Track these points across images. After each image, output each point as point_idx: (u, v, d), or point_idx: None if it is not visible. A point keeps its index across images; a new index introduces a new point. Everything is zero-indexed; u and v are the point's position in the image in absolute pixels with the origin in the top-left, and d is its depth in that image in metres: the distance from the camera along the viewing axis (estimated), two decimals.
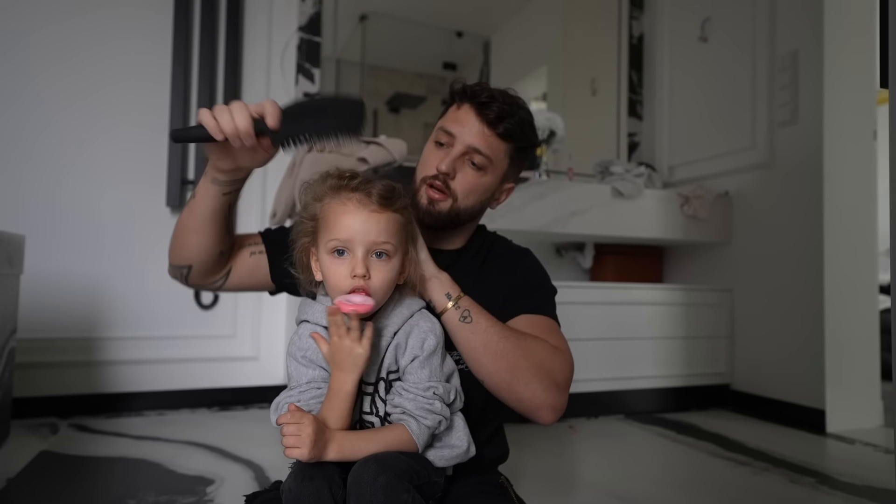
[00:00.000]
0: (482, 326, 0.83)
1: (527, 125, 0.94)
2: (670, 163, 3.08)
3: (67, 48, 2.28)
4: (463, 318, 0.83)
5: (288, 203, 2.14)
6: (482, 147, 0.90)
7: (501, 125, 0.90)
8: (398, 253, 0.77)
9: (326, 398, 0.73)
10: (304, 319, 0.80)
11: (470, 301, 0.85)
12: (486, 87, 0.92)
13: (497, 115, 0.90)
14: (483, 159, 0.91)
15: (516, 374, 0.83)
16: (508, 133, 0.91)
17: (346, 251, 0.74)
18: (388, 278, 0.75)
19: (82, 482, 1.52)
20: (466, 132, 0.90)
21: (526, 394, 0.83)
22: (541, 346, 0.86)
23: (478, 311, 0.85)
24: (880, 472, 1.78)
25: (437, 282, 0.84)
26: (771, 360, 2.48)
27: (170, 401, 2.34)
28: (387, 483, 0.65)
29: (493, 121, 0.90)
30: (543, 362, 0.85)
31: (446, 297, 0.84)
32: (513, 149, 0.94)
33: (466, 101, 0.92)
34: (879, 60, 0.82)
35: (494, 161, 0.92)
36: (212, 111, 0.75)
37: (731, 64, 2.72)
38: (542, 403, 0.84)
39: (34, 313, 2.14)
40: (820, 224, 2.26)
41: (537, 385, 0.83)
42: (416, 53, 3.11)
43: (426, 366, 0.76)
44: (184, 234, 0.90)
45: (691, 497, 1.55)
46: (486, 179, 0.93)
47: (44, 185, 2.23)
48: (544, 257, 3.05)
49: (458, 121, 0.92)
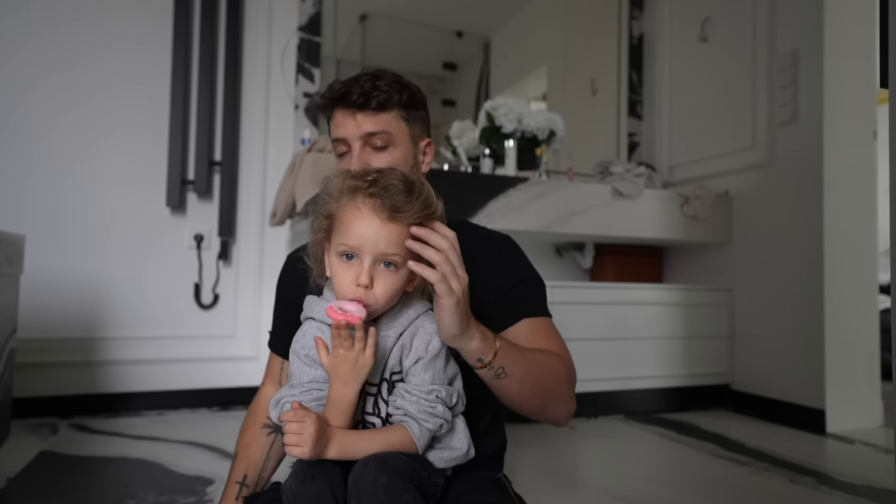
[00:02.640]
0: (517, 378, 0.82)
1: (397, 82, 0.94)
2: (670, 163, 3.08)
3: (67, 48, 2.28)
4: (497, 375, 0.81)
5: (288, 203, 2.14)
6: (372, 128, 0.91)
7: (372, 100, 0.91)
8: (406, 267, 0.75)
9: (326, 407, 0.72)
10: (310, 317, 0.80)
11: (503, 356, 0.80)
12: (338, 82, 0.94)
13: (362, 96, 0.91)
14: (382, 137, 0.92)
15: (546, 406, 0.90)
16: (383, 103, 0.91)
17: (354, 256, 0.73)
18: (393, 289, 0.74)
19: (82, 482, 1.52)
20: (350, 128, 0.92)
21: (552, 415, 0.92)
22: (559, 368, 0.90)
23: (512, 360, 0.81)
24: (880, 472, 1.78)
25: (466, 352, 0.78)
26: (771, 360, 2.48)
27: (170, 401, 2.34)
28: (388, 483, 0.65)
29: (362, 103, 0.91)
30: (567, 383, 0.91)
31: (478, 362, 0.79)
32: (400, 109, 0.94)
33: (334, 107, 0.94)
34: (879, 60, 0.82)
35: (392, 132, 0.93)
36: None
37: (731, 64, 2.72)
38: (564, 417, 0.94)
39: (34, 313, 2.14)
40: (820, 224, 2.26)
41: (562, 407, 0.92)
42: (416, 53, 3.11)
43: (430, 368, 0.76)
44: None
45: (691, 497, 1.55)
46: (397, 152, 0.94)
47: (44, 185, 2.23)
48: (544, 257, 3.06)
49: (339, 125, 0.94)
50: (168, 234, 2.39)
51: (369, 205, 0.72)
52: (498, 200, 2.31)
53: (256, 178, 2.52)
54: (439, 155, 2.91)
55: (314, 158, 2.13)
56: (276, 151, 2.55)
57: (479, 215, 2.26)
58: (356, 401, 0.72)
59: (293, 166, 2.20)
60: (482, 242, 0.98)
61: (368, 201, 0.73)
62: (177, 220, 2.41)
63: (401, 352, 0.77)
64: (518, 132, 2.61)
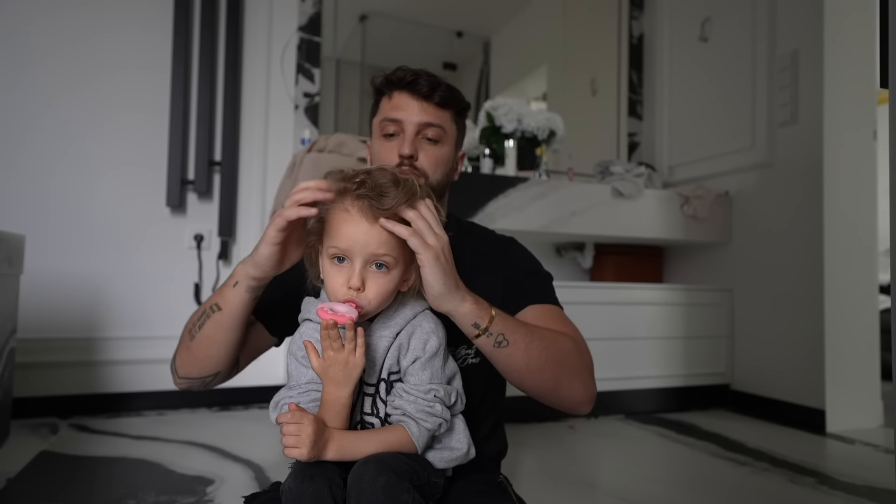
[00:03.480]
0: (521, 347, 0.79)
1: (455, 90, 0.97)
2: (670, 163, 3.08)
3: (68, 47, 2.28)
4: (498, 343, 0.78)
5: None
6: (431, 119, 0.93)
7: (436, 95, 0.93)
8: (399, 264, 0.74)
9: (321, 408, 0.72)
10: (307, 318, 0.80)
11: (501, 321, 0.78)
12: (405, 69, 0.95)
13: (429, 88, 0.93)
14: (437, 131, 0.94)
15: (560, 381, 0.84)
16: (445, 100, 0.95)
17: (345, 259, 0.73)
18: (385, 290, 0.74)
19: (82, 482, 1.52)
20: (411, 113, 0.93)
21: (569, 395, 0.86)
22: (569, 345, 0.87)
23: (512, 328, 0.79)
24: (880, 472, 1.78)
25: (459, 316, 0.77)
26: (771, 360, 2.48)
27: (170, 401, 2.34)
28: (387, 483, 0.65)
29: (427, 94, 0.93)
30: (581, 360, 0.87)
31: (474, 328, 0.77)
32: (454, 114, 0.97)
33: (395, 89, 0.95)
34: (879, 60, 0.82)
35: (446, 129, 0.95)
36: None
37: (731, 64, 2.72)
38: (585, 398, 0.87)
39: (34, 313, 2.14)
40: (820, 224, 2.26)
41: (580, 384, 0.86)
42: (416, 53, 3.11)
43: (427, 367, 0.76)
44: (211, 347, 0.85)
45: (691, 497, 1.55)
46: (445, 150, 0.96)
47: (44, 185, 2.24)
48: (544, 257, 3.06)
49: (398, 107, 0.94)
50: (168, 234, 2.39)
51: (358, 206, 0.72)
52: (498, 200, 2.31)
53: (256, 178, 2.52)
54: None
55: (314, 158, 2.13)
56: (276, 151, 2.55)
57: (479, 215, 2.26)
58: (350, 402, 0.72)
59: (293, 166, 2.20)
60: (491, 243, 1.01)
61: (357, 203, 0.72)
62: (177, 220, 2.41)
63: (398, 351, 0.76)
64: (518, 132, 2.61)
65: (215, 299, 0.84)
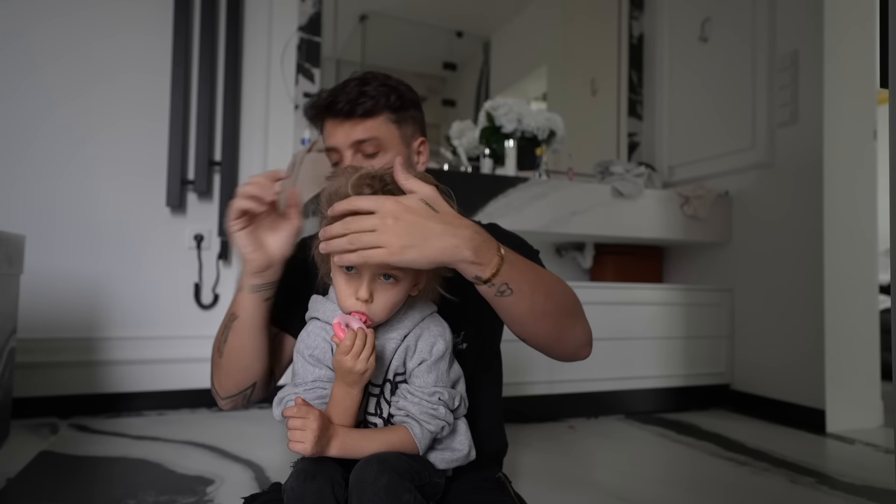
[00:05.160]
0: (525, 294, 0.74)
1: (387, 85, 0.93)
2: (670, 163, 3.08)
3: (68, 49, 2.28)
4: (500, 292, 0.73)
5: None
6: (361, 135, 0.91)
7: (358, 107, 0.90)
8: (408, 275, 0.73)
9: (329, 405, 0.72)
10: (315, 317, 0.80)
11: (508, 271, 0.72)
12: (324, 92, 0.93)
13: (349, 103, 0.90)
14: (370, 144, 0.91)
15: (562, 326, 0.81)
16: (370, 109, 0.90)
17: (354, 268, 0.72)
18: (393, 301, 0.74)
19: (82, 482, 1.52)
20: (340, 137, 0.91)
21: (571, 340, 0.83)
22: (562, 285, 0.83)
23: (518, 276, 0.73)
24: (880, 472, 1.78)
25: (464, 265, 0.70)
26: (771, 360, 2.48)
27: (170, 401, 2.34)
28: (389, 483, 0.65)
29: (349, 110, 0.90)
30: (574, 302, 0.84)
31: (476, 280, 0.72)
32: (389, 113, 0.93)
33: (324, 116, 0.93)
34: (879, 60, 0.82)
35: (381, 137, 0.92)
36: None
37: (731, 64, 2.72)
38: (585, 340, 0.85)
39: (34, 313, 2.14)
40: (820, 224, 2.27)
41: (580, 328, 0.83)
42: (416, 53, 3.11)
43: (433, 370, 0.76)
44: (240, 359, 0.86)
45: (691, 497, 1.55)
46: (389, 156, 0.92)
47: (44, 185, 2.23)
48: (544, 257, 3.04)
49: (330, 134, 0.93)
50: (168, 234, 2.39)
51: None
52: (498, 200, 2.31)
53: None
54: (439, 155, 2.91)
55: (314, 158, 2.13)
56: (276, 151, 2.55)
57: (479, 215, 2.26)
58: (360, 400, 0.72)
59: (293, 166, 2.20)
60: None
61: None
62: (177, 220, 2.41)
63: (405, 353, 0.77)
64: (518, 132, 2.61)
65: (231, 311, 0.85)
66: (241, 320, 0.84)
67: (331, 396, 0.72)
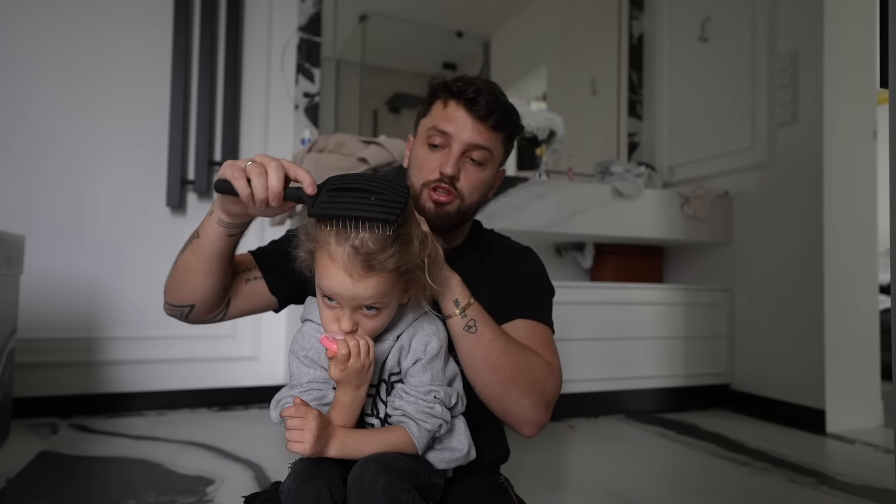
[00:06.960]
0: (486, 338, 0.82)
1: (512, 111, 0.94)
2: (670, 163, 3.08)
3: (69, 51, 2.28)
4: (468, 327, 0.82)
5: None
6: (481, 142, 0.90)
7: (492, 118, 0.90)
8: (392, 302, 0.73)
9: (333, 408, 0.72)
10: (308, 318, 0.80)
11: (478, 310, 0.83)
12: (468, 81, 0.91)
13: (487, 110, 0.89)
14: (483, 154, 0.91)
15: (510, 390, 0.84)
16: (500, 124, 0.91)
17: (334, 300, 0.71)
18: (378, 327, 0.74)
19: (82, 482, 1.52)
20: (462, 130, 0.89)
21: (515, 408, 0.85)
22: (538, 364, 0.87)
23: (484, 321, 0.83)
24: (880, 472, 1.78)
25: (446, 287, 0.82)
26: (771, 360, 2.48)
27: (170, 401, 2.34)
28: (387, 483, 0.65)
29: (484, 115, 0.89)
30: (538, 381, 0.86)
31: (454, 305, 0.82)
32: (504, 137, 0.94)
33: (452, 98, 0.91)
34: (879, 60, 0.82)
35: (493, 152, 0.93)
36: (245, 169, 0.70)
37: (731, 64, 2.72)
38: (529, 419, 0.86)
39: (34, 313, 2.14)
40: (820, 224, 2.26)
41: (528, 401, 0.85)
42: (416, 53, 3.11)
43: (428, 369, 0.76)
44: (187, 275, 0.84)
45: (691, 497, 1.55)
46: (487, 173, 0.93)
47: (44, 185, 2.23)
48: (544, 257, 3.04)
49: (451, 119, 0.90)
50: (168, 234, 2.39)
51: (340, 254, 0.67)
52: (498, 200, 2.31)
53: None
54: None
55: (314, 158, 2.13)
56: (276, 151, 2.55)
57: (479, 215, 2.25)
58: (363, 401, 0.73)
59: None
60: (505, 254, 1.01)
61: (339, 250, 0.67)
62: (177, 220, 2.41)
63: (399, 353, 0.77)
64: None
65: (196, 229, 0.84)
66: (201, 242, 0.82)
67: (334, 401, 0.72)
